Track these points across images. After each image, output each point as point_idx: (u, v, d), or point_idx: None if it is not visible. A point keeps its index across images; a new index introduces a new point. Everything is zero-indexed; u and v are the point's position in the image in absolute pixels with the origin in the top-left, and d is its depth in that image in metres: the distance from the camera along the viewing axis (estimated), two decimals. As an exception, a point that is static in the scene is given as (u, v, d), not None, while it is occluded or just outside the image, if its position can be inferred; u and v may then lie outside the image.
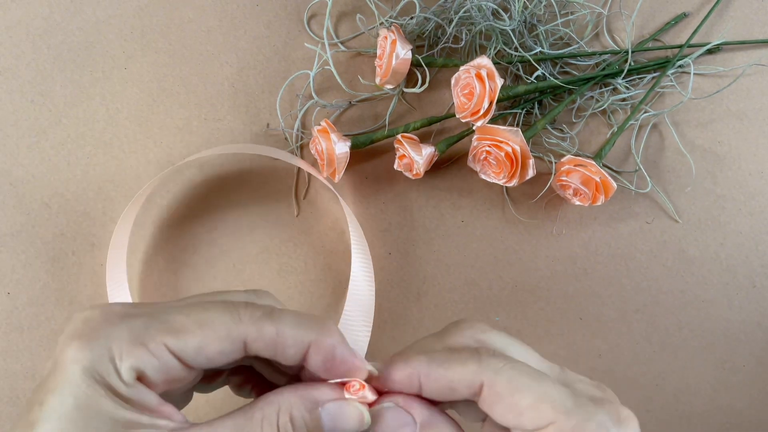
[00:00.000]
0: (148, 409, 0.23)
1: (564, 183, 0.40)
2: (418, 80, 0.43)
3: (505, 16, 0.42)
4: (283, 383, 0.28)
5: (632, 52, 0.44)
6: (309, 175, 0.43)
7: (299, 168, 0.43)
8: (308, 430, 0.24)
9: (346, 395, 0.25)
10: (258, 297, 0.27)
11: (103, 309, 0.24)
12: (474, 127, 0.40)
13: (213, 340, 0.23)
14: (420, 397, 0.25)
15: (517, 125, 0.44)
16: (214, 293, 0.29)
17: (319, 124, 0.40)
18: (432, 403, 0.26)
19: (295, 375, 0.27)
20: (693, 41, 0.46)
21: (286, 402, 0.24)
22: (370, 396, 0.25)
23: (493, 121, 0.40)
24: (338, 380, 0.25)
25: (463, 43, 0.45)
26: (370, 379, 0.26)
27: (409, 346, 0.27)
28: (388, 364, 0.26)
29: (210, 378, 0.28)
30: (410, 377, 0.25)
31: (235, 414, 0.24)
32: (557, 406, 0.23)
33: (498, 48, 0.44)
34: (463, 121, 0.40)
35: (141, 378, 0.23)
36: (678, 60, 0.45)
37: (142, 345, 0.23)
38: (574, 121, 0.45)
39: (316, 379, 0.26)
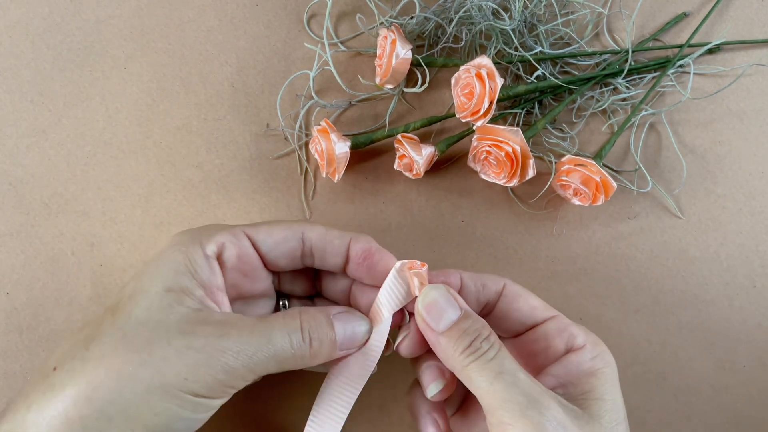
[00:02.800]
0: (207, 287, 0.30)
1: (564, 183, 0.40)
2: (418, 80, 0.43)
3: (505, 16, 0.42)
4: None
5: (632, 51, 0.44)
6: (315, 176, 0.43)
7: (306, 169, 0.43)
8: (325, 330, 0.31)
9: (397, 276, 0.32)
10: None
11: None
12: (474, 127, 0.40)
13: (278, 230, 0.32)
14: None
15: (517, 125, 0.44)
16: None
17: (319, 124, 0.40)
18: None
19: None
20: (693, 41, 0.46)
21: (306, 310, 0.31)
22: (425, 276, 0.32)
23: (493, 121, 0.40)
24: (402, 262, 0.32)
25: (463, 42, 0.45)
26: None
27: None
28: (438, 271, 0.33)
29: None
30: (455, 275, 0.33)
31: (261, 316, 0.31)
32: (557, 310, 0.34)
33: (498, 48, 0.44)
34: (463, 121, 0.40)
35: (220, 256, 0.31)
36: (678, 60, 0.45)
37: (225, 230, 0.31)
38: (574, 121, 0.45)
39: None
